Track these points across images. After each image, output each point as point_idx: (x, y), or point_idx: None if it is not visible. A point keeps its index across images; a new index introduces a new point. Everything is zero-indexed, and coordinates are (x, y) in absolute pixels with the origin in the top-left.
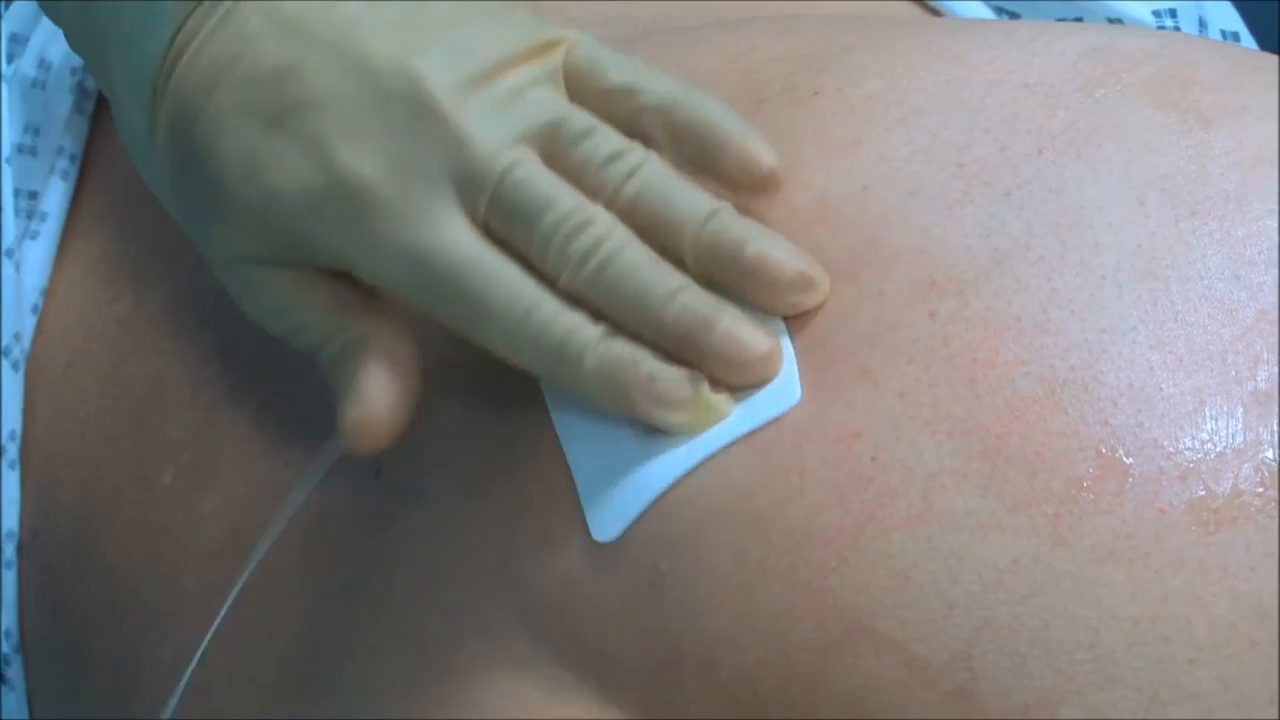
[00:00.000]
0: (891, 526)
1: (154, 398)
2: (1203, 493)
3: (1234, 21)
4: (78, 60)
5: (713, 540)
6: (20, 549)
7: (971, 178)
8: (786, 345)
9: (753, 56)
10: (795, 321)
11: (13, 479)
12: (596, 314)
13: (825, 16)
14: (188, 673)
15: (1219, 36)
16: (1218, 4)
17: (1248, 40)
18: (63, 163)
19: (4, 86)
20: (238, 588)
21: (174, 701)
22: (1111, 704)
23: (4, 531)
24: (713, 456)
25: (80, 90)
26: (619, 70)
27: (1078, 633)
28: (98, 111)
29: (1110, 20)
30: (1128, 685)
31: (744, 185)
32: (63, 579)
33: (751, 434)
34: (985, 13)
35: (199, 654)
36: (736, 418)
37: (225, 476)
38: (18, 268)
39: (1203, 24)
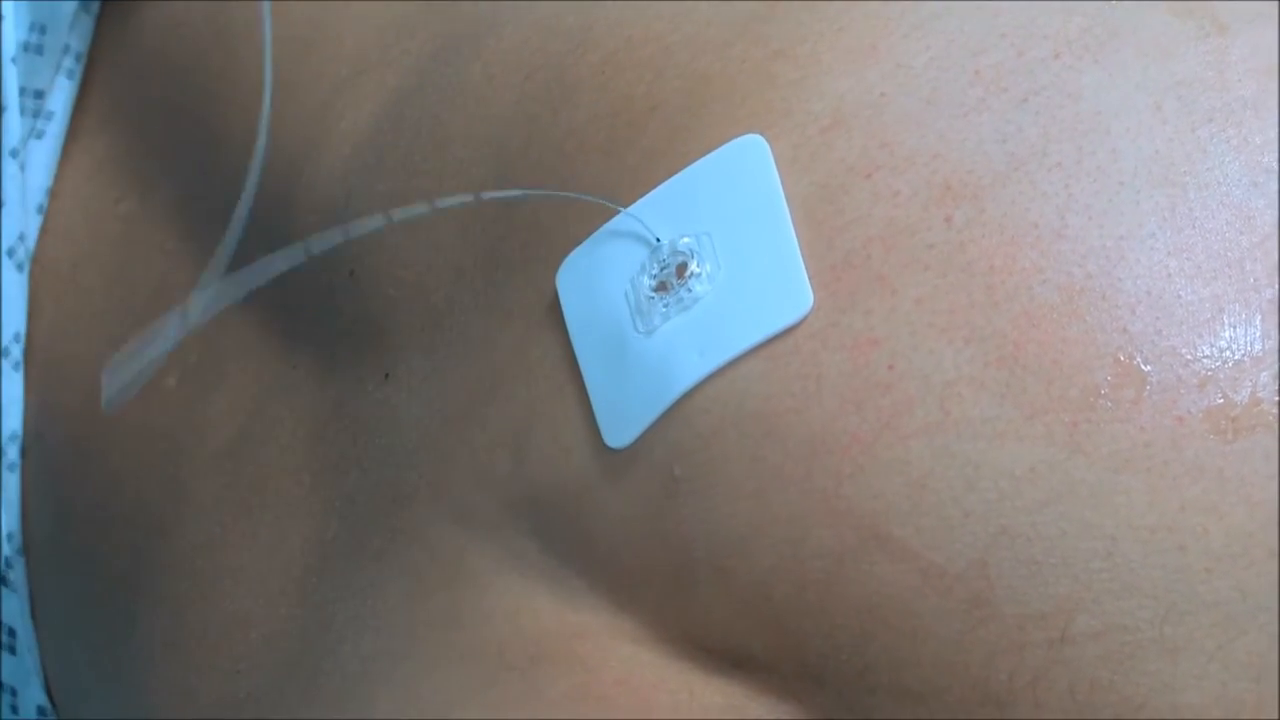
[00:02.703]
0: (908, 434)
1: (159, 299)
2: (1221, 401)
3: None
4: None
5: (728, 446)
6: (24, 451)
7: (988, 84)
8: (793, 247)
9: None
10: (802, 218)
11: (17, 381)
12: None
13: None
14: None
15: None
16: None
17: None
18: (69, 61)
19: None
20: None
21: None
22: (1128, 612)
23: (7, 434)
24: (729, 364)
25: None
26: None
27: (1094, 541)
28: (104, 10)
29: None
30: (1144, 594)
31: None
32: (66, 482)
33: (767, 341)
34: None
35: None
36: (750, 324)
37: (232, 379)
38: (23, 167)
39: None
